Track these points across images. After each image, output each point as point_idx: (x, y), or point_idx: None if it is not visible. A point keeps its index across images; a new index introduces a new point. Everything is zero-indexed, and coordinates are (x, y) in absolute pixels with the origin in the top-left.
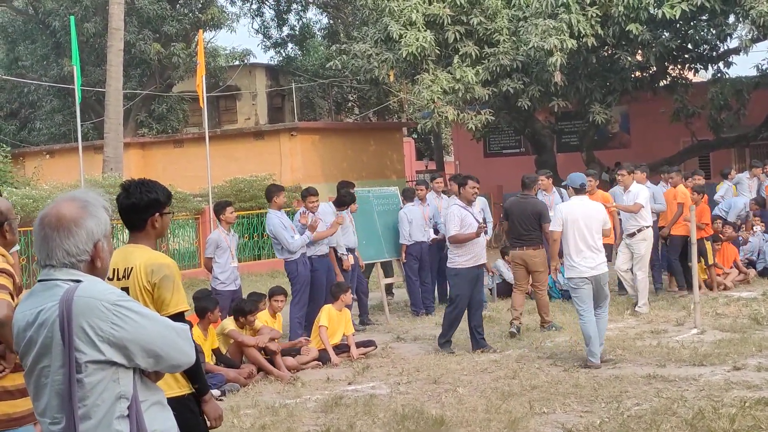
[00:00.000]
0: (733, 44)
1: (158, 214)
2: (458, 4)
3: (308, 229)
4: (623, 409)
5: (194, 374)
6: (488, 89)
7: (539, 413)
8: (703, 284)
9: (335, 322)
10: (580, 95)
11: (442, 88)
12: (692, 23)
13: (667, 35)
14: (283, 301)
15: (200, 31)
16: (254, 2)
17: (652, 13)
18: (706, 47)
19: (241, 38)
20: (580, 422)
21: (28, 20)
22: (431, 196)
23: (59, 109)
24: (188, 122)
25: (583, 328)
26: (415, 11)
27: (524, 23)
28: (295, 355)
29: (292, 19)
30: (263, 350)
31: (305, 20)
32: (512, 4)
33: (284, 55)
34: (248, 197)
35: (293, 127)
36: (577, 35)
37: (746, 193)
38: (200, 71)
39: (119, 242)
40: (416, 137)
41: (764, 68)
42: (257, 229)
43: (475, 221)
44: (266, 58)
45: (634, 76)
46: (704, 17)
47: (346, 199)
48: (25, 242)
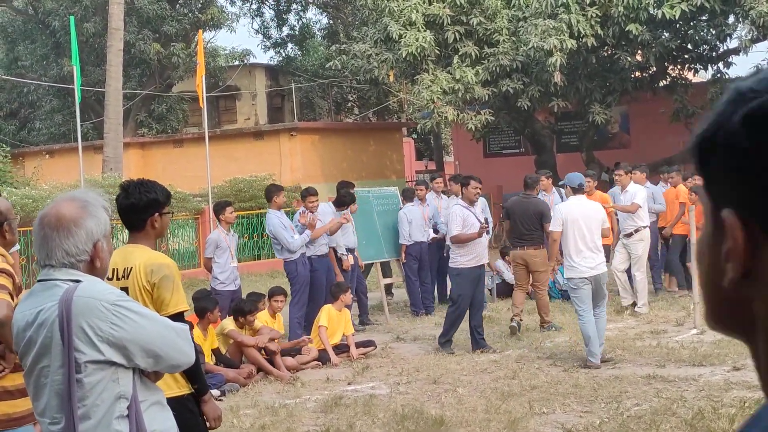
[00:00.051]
0: (732, 44)
1: (157, 214)
2: (458, 4)
3: (307, 227)
4: (623, 409)
5: (194, 374)
6: (488, 89)
7: (539, 413)
8: None
9: (335, 322)
10: (579, 95)
11: (441, 88)
12: (692, 23)
13: (666, 35)
14: (282, 301)
15: (200, 31)
16: (254, 2)
17: (651, 13)
18: (705, 47)
19: (240, 38)
20: (579, 422)
21: (27, 20)
22: (431, 196)
23: (59, 109)
24: (188, 122)
25: (582, 328)
26: (414, 11)
27: (524, 23)
28: (294, 355)
29: (291, 19)
30: (263, 350)
31: (305, 20)
32: (512, 4)
33: (284, 55)
34: (248, 197)
35: (293, 127)
36: (576, 35)
37: None
38: (200, 71)
39: (119, 242)
40: (416, 137)
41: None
42: (257, 229)
43: (477, 221)
44: (266, 58)
45: (633, 76)
46: (704, 17)
47: (345, 199)
48: (24, 242)
